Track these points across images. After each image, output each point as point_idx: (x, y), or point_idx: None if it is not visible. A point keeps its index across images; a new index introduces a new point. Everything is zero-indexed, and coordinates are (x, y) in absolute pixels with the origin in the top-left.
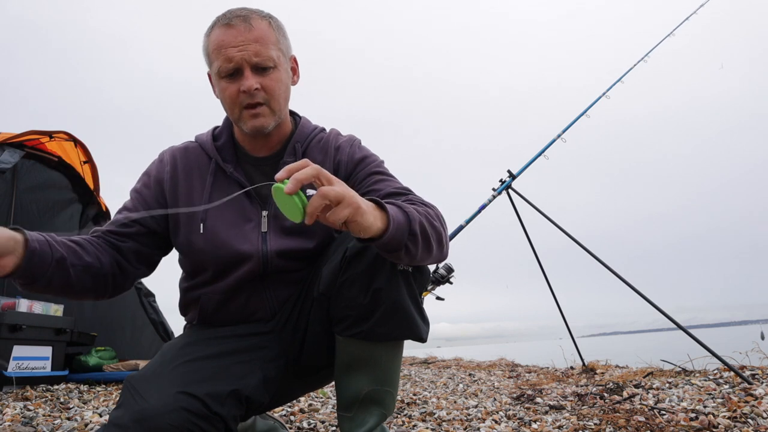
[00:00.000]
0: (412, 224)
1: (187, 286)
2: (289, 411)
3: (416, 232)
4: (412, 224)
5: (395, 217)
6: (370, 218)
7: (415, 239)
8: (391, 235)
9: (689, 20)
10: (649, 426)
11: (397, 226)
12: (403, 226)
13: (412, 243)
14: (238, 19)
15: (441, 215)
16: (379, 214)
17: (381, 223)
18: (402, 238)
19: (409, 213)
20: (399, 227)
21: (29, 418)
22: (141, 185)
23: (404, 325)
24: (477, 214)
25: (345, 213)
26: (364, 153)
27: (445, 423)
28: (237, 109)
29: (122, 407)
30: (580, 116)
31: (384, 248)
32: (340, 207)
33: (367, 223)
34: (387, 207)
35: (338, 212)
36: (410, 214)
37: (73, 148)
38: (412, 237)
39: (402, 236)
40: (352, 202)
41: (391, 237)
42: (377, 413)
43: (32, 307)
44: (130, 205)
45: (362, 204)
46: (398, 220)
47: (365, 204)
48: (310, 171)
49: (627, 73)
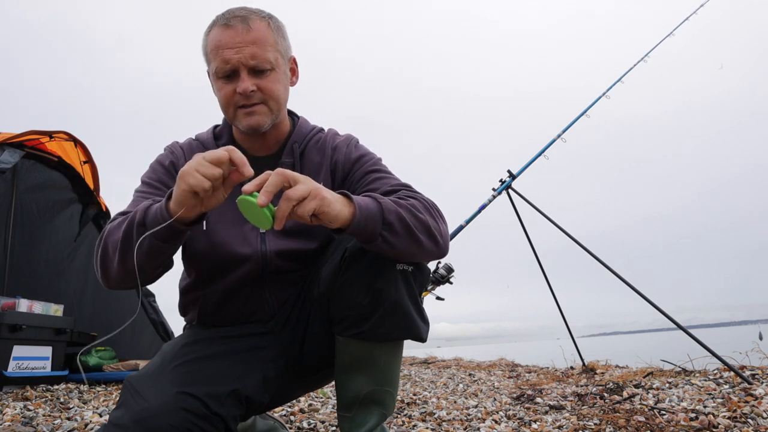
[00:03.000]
0: (386, 214)
1: (186, 287)
2: (289, 411)
3: (391, 221)
4: (386, 214)
5: (364, 206)
6: (337, 206)
7: (391, 228)
8: (360, 223)
9: (689, 20)
10: (649, 426)
11: (366, 215)
12: (374, 215)
13: (388, 232)
14: (237, 20)
15: (434, 207)
16: (346, 203)
17: (348, 211)
18: (375, 227)
19: (383, 203)
20: (369, 216)
21: (29, 418)
22: (154, 173)
23: (404, 326)
24: (477, 214)
25: (311, 206)
26: (361, 152)
27: (445, 423)
28: (231, 108)
29: (122, 407)
30: (580, 116)
31: (358, 237)
32: (306, 201)
33: (334, 212)
34: (352, 197)
35: (304, 206)
36: (384, 204)
37: (73, 148)
38: (388, 226)
39: (375, 225)
40: (316, 195)
41: (360, 225)
42: (377, 413)
43: (32, 307)
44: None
45: (327, 195)
46: (368, 209)
47: (330, 195)
48: (277, 179)
49: (627, 73)
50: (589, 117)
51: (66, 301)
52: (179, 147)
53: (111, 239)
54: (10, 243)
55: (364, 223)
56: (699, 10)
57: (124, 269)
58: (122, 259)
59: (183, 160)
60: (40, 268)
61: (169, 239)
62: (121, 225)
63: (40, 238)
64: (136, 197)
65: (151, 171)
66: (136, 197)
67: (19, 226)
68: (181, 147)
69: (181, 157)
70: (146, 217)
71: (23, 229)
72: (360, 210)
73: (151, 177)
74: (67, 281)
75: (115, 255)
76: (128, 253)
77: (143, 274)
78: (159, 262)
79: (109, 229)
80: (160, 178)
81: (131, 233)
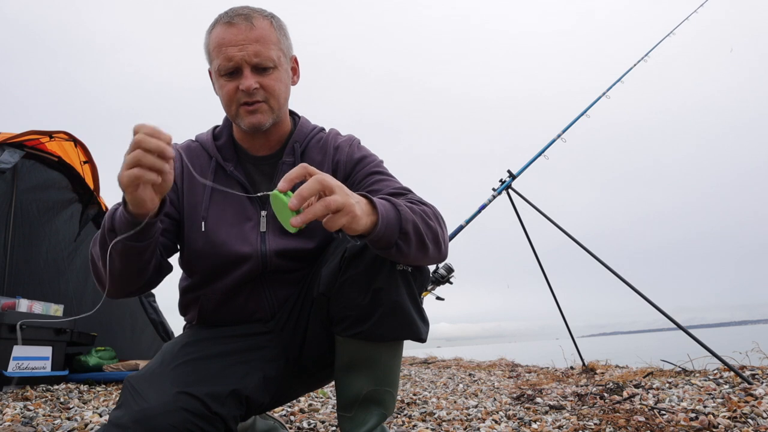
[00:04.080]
0: (404, 223)
1: (186, 287)
2: (289, 411)
3: (408, 230)
4: (404, 223)
5: (385, 215)
6: (363, 221)
7: (406, 237)
8: (380, 233)
9: (689, 20)
10: (649, 426)
11: (387, 224)
12: (393, 224)
13: (403, 241)
14: (240, 18)
15: (439, 215)
16: (369, 211)
17: (371, 221)
18: (393, 236)
19: (402, 212)
20: (389, 225)
21: (29, 418)
22: None
23: (404, 326)
24: (477, 214)
25: (342, 221)
26: (363, 153)
27: (445, 423)
28: (234, 105)
29: (122, 407)
30: (580, 116)
31: (374, 245)
32: (338, 216)
33: (359, 227)
34: (377, 205)
35: (335, 220)
36: (402, 213)
37: (73, 148)
38: (404, 235)
39: (392, 234)
40: (349, 211)
41: (380, 234)
42: (377, 413)
43: (32, 307)
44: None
45: (357, 211)
46: (389, 218)
47: (359, 209)
48: (314, 186)
49: (627, 73)
50: (589, 117)
51: (66, 301)
52: (176, 149)
53: (94, 250)
54: (10, 243)
55: (383, 232)
56: (699, 9)
57: (112, 277)
58: (109, 269)
59: (180, 162)
60: (40, 268)
61: (142, 237)
62: (99, 234)
63: (40, 238)
64: None
65: None
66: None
67: (19, 226)
68: (178, 150)
69: (177, 159)
70: (114, 222)
71: (23, 229)
72: (382, 220)
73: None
74: (67, 281)
75: (99, 264)
76: (112, 263)
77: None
78: (144, 259)
79: (92, 241)
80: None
81: (105, 243)
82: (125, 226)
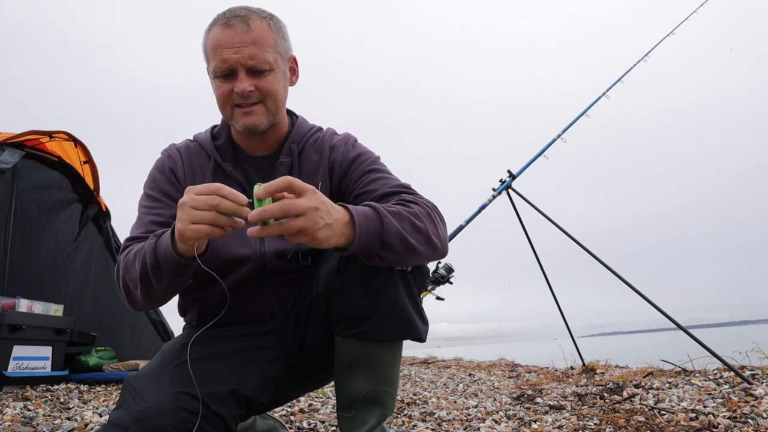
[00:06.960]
0: (386, 235)
1: (186, 288)
2: (289, 411)
3: (390, 242)
4: (386, 235)
5: (365, 230)
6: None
7: (390, 248)
8: (358, 248)
9: (689, 20)
10: (649, 426)
11: (366, 240)
12: (374, 237)
13: (387, 251)
14: (237, 20)
15: (434, 212)
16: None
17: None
18: (373, 249)
19: (386, 223)
20: (369, 240)
21: (29, 418)
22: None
23: (403, 326)
24: (477, 214)
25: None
26: (358, 151)
27: (445, 423)
28: (228, 107)
29: (122, 407)
30: (580, 116)
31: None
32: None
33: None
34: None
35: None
36: (386, 224)
37: (73, 148)
38: (387, 246)
39: (373, 247)
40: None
41: (357, 249)
42: (377, 413)
43: (32, 307)
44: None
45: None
46: (369, 232)
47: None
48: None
49: (627, 73)
50: (589, 117)
51: (66, 301)
52: (176, 150)
53: (129, 277)
54: (10, 243)
55: (361, 247)
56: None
57: (150, 301)
58: (146, 295)
59: (180, 163)
60: (40, 268)
61: (185, 273)
62: (134, 263)
63: (40, 238)
64: (141, 213)
65: (151, 181)
66: (142, 213)
67: (19, 226)
68: (178, 150)
69: (178, 161)
70: (158, 259)
71: (23, 229)
72: (360, 237)
73: (152, 188)
74: (67, 281)
75: (137, 291)
76: (151, 291)
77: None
78: (183, 284)
79: (124, 265)
80: (162, 188)
81: (148, 276)
82: (174, 266)
